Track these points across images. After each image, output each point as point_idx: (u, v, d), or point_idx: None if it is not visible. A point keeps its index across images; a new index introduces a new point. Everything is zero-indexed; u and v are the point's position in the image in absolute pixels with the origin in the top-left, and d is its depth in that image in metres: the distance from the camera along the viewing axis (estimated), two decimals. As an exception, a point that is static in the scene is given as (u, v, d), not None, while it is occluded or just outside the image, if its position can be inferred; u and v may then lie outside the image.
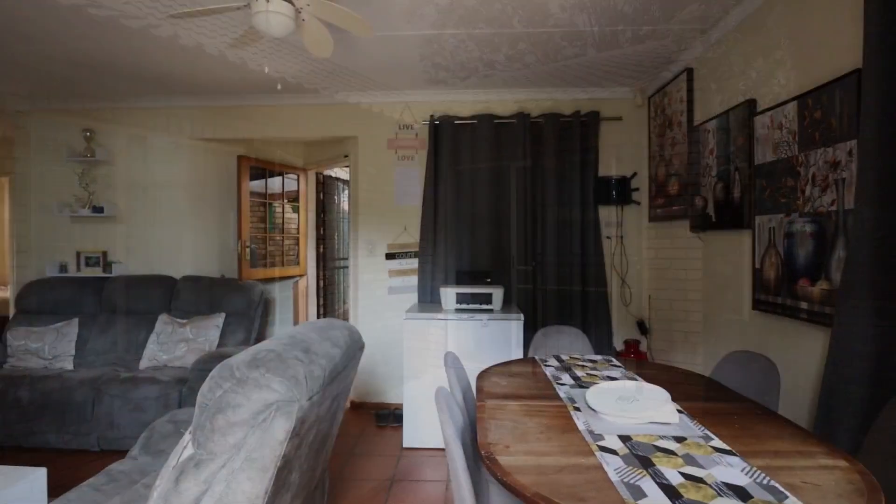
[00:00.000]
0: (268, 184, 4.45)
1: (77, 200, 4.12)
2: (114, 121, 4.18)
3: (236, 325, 3.68)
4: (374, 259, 3.99)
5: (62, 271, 4.10)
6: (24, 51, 3.08)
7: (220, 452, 1.19)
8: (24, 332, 3.64)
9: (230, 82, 3.69)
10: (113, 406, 3.09)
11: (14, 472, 2.06)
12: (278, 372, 1.23)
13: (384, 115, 3.99)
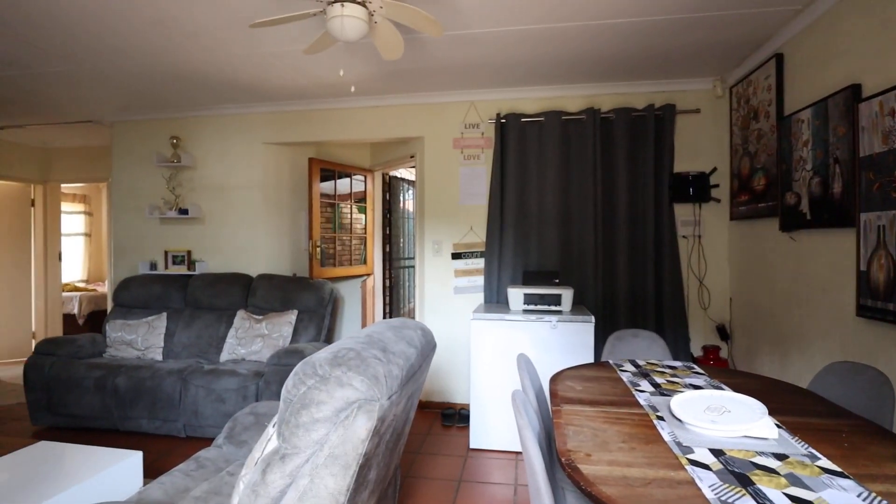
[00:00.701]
0: (337, 185, 4.57)
1: (165, 203, 4.43)
2: (197, 128, 4.45)
3: (308, 321, 3.81)
4: (439, 259, 4.00)
5: (152, 269, 4.41)
6: (117, 66, 3.33)
7: (304, 447, 1.22)
8: (120, 324, 3.94)
9: (301, 88, 3.82)
10: (197, 396, 3.28)
11: (114, 454, 2.22)
12: (359, 371, 1.24)
13: (449, 115, 4.00)
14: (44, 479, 2.00)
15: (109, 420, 3.43)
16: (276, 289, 3.93)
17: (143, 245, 4.57)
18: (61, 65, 3.31)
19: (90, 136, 5.49)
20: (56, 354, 3.59)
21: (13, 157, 5.63)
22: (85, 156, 5.97)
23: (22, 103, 4.22)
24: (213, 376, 3.31)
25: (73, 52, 3.10)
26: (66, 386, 3.45)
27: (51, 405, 3.49)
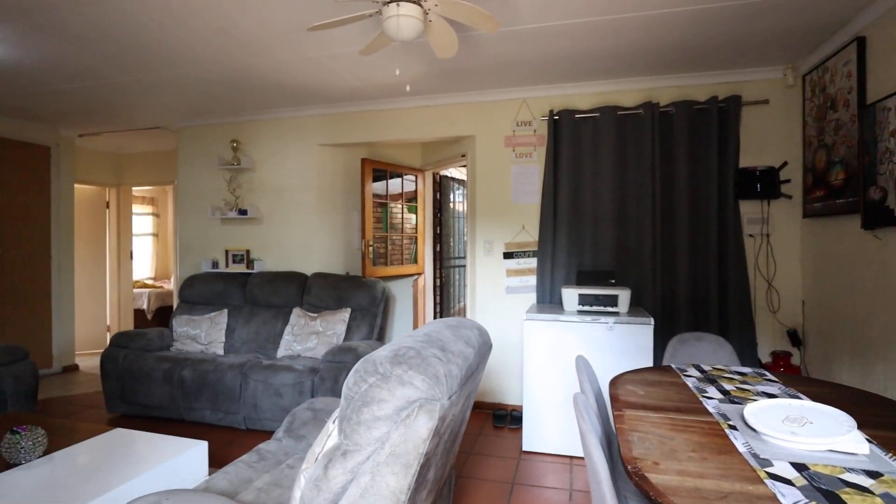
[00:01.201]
0: (388, 185, 4.63)
1: (226, 204, 4.62)
2: (255, 131, 4.62)
3: (361, 320, 3.87)
4: (491, 258, 3.97)
5: (214, 267, 4.61)
6: (184, 74, 3.49)
7: (365, 445, 1.22)
8: (185, 319, 4.14)
9: (355, 89, 3.89)
10: (256, 390, 3.40)
11: (182, 444, 2.33)
12: (419, 369, 1.24)
13: (501, 113, 3.95)
14: (118, 464, 2.12)
15: (176, 410, 3.61)
16: (330, 287, 4.01)
17: (206, 244, 4.78)
18: (134, 74, 3.51)
19: (158, 141, 5.81)
20: (129, 347, 3.82)
21: (91, 162, 6.04)
22: (153, 160, 6.33)
23: (98, 112, 4.51)
24: (271, 371, 3.41)
25: (145, 62, 3.27)
26: (137, 377, 3.66)
27: (124, 394, 3.71)
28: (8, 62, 3.28)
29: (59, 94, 3.97)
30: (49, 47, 3.04)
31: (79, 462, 2.15)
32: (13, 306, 4.78)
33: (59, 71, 3.45)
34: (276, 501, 1.72)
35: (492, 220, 3.97)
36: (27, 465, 2.11)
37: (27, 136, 4.91)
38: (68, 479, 2.00)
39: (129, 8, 2.54)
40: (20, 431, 2.11)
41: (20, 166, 4.86)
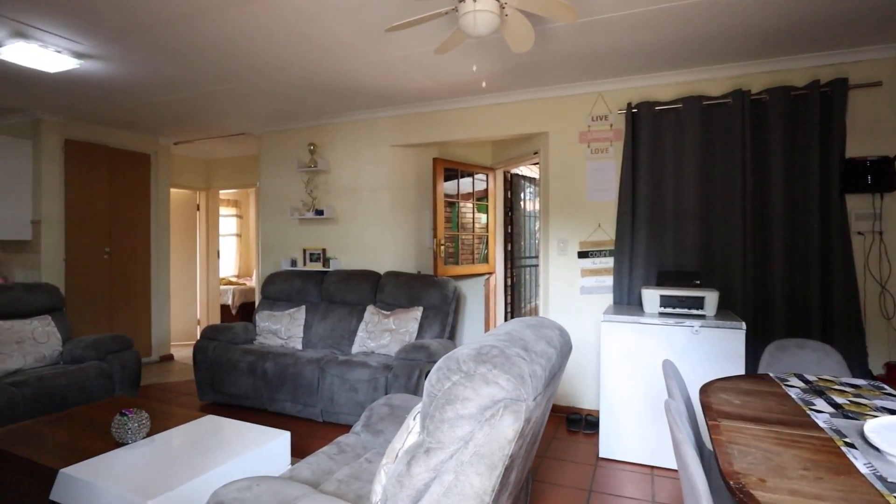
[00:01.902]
0: (459, 184, 4.63)
1: (304, 205, 4.81)
2: (331, 134, 4.78)
3: (433, 318, 3.89)
4: (565, 258, 3.86)
5: (293, 265, 4.82)
6: (268, 81, 3.67)
7: (448, 443, 1.21)
8: (267, 315, 4.36)
9: (427, 89, 3.92)
10: (333, 384, 3.51)
11: (267, 433, 2.43)
12: (504, 369, 1.20)
13: (575, 108, 3.84)
14: (211, 449, 2.25)
15: (259, 400, 3.80)
16: (402, 286, 4.07)
17: (285, 244, 5.01)
18: (224, 84, 3.74)
19: (242, 147, 6.17)
20: (217, 340, 4.07)
21: (184, 168, 6.52)
22: (237, 165, 6.73)
23: (191, 121, 4.86)
24: (347, 367, 3.51)
25: (234, 72, 3.48)
26: (224, 368, 3.89)
27: (213, 384, 3.96)
28: (116, 79, 3.60)
29: (158, 105, 4.31)
30: (150, 63, 3.30)
31: (177, 444, 2.31)
32: (120, 301, 5.25)
33: (158, 84, 3.74)
34: (356, 494, 1.75)
35: (565, 218, 3.86)
36: (133, 445, 2.29)
37: (131, 146, 5.38)
38: (168, 459, 2.15)
39: (218, 22, 2.71)
40: (128, 414, 2.30)
41: (125, 173, 5.33)
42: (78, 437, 2.41)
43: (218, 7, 2.55)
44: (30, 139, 4.67)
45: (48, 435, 2.44)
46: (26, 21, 2.72)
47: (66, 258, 4.80)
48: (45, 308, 3.81)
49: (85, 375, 3.41)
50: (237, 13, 2.62)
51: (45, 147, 4.66)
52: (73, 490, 2.01)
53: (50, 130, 4.68)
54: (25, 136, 4.68)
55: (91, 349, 3.61)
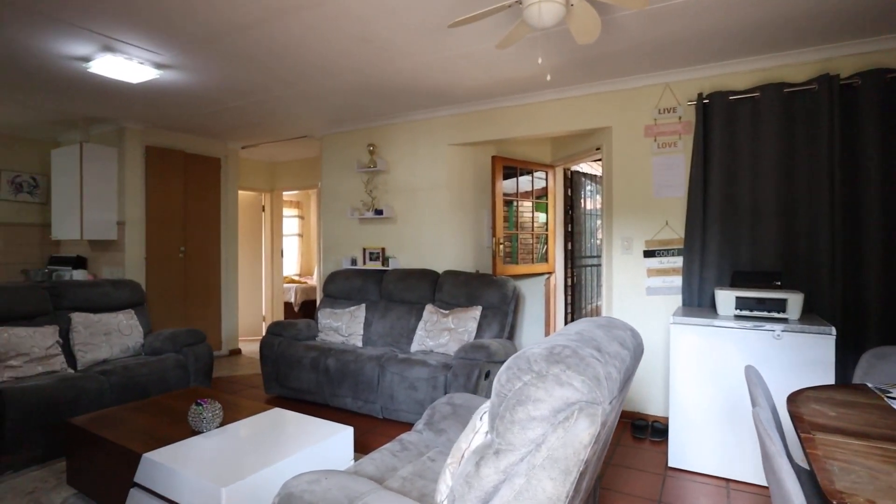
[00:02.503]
0: (518, 182, 4.56)
1: (363, 205, 4.90)
2: (390, 135, 4.84)
3: (492, 318, 3.85)
4: (629, 257, 3.71)
5: (353, 264, 4.92)
6: (331, 84, 3.76)
7: (519, 445, 1.17)
8: (328, 312, 4.47)
9: (485, 87, 3.88)
10: (393, 382, 3.54)
11: (331, 427, 2.48)
12: (578, 370, 1.15)
13: (640, 101, 3.68)
14: (278, 441, 2.32)
15: (321, 395, 3.90)
16: (461, 285, 4.06)
17: (346, 243, 5.12)
18: (288, 88, 3.87)
19: (304, 149, 6.38)
20: (282, 335, 4.22)
21: (251, 171, 6.82)
22: (299, 167, 6.96)
23: (258, 126, 5.07)
24: (406, 365, 3.53)
25: (299, 75, 3.58)
26: (289, 362, 4.02)
27: (278, 378, 4.11)
28: (192, 87, 3.80)
29: (228, 111, 4.52)
30: (222, 71, 3.46)
31: (247, 435, 2.40)
32: (193, 297, 5.56)
33: (228, 91, 3.92)
34: (420, 492, 1.75)
35: (630, 216, 3.71)
36: (207, 434, 2.40)
37: (203, 150, 5.68)
38: (239, 449, 2.23)
39: (288, 25, 2.79)
40: (202, 404, 2.41)
41: (198, 176, 5.63)
42: (158, 423, 2.56)
43: (287, 11, 2.63)
44: (115, 146, 5.02)
45: (132, 420, 2.60)
46: (114, 35, 2.92)
47: (147, 257, 5.13)
48: (128, 303, 4.08)
49: (163, 366, 3.62)
50: (306, 16, 2.69)
51: (129, 153, 5.00)
52: (155, 474, 2.12)
53: (133, 138, 5.02)
54: (112, 144, 5.05)
55: (169, 342, 3.83)
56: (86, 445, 2.48)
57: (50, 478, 2.78)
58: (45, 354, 3.34)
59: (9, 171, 5.38)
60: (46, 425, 2.92)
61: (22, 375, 3.18)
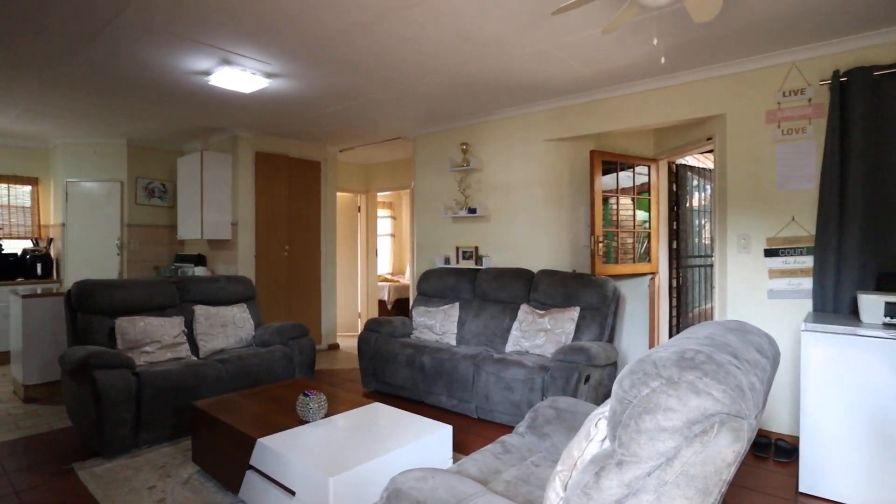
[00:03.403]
0: (618, 178, 4.32)
1: (456, 204, 4.91)
2: (483, 133, 4.81)
3: (590, 319, 3.68)
4: (746, 256, 3.37)
5: (446, 263, 4.95)
6: (427, 83, 3.80)
7: (645, 457, 1.06)
8: (422, 310, 4.52)
9: (584, 79, 3.72)
10: (488, 382, 3.49)
11: (430, 425, 2.48)
12: (717, 378, 1.02)
13: (760, 83, 3.33)
14: (380, 435, 2.36)
15: (416, 392, 3.95)
16: (557, 285, 3.92)
17: (439, 242, 5.17)
18: (384, 90, 3.96)
19: (397, 151, 6.54)
20: (378, 332, 4.33)
21: (347, 173, 7.12)
22: (392, 168, 7.16)
23: (355, 129, 5.27)
24: (502, 365, 3.47)
25: (395, 77, 3.66)
26: (385, 358, 4.12)
27: (375, 373, 4.22)
28: (296, 94, 4.03)
29: (328, 116, 4.74)
30: (325, 76, 3.62)
31: (350, 427, 2.46)
32: (296, 293, 5.90)
33: (329, 96, 4.10)
34: (525, 498, 1.68)
35: (748, 211, 3.37)
36: (314, 424, 2.50)
37: (305, 155, 6.02)
38: (343, 440, 2.29)
39: (388, 27, 2.85)
40: (309, 395, 2.52)
41: (301, 179, 5.97)
42: (269, 410, 2.71)
43: (387, 13, 2.68)
44: (230, 153, 5.46)
45: (246, 406, 2.79)
46: (230, 49, 3.15)
47: (256, 255, 5.52)
48: (241, 297, 4.40)
49: (272, 357, 3.86)
50: (405, 17, 2.72)
51: (241, 159, 5.41)
52: (268, 458, 2.24)
53: (244, 145, 5.43)
54: (226, 151, 5.50)
55: (276, 335, 4.08)
56: (208, 427, 2.68)
57: (178, 454, 3.06)
58: (173, 342, 3.68)
59: (144, 178, 6.05)
60: (175, 406, 3.22)
61: (155, 360, 3.53)
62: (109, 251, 5.90)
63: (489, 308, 4.25)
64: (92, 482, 2.71)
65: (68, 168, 5.85)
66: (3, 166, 5.83)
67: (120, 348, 3.46)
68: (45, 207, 6.14)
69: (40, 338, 4.13)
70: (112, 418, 2.95)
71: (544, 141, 4.41)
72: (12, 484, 2.72)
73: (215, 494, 2.55)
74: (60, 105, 4.43)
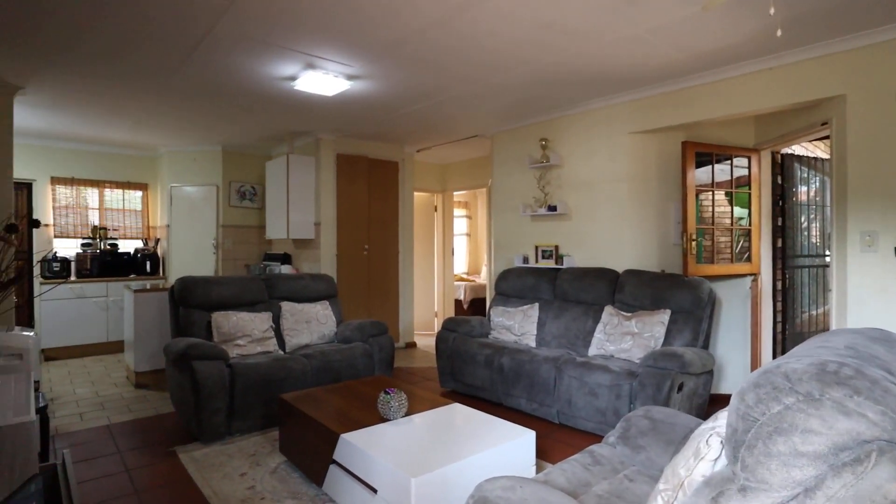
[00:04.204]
0: (714, 170, 3.98)
1: (535, 201, 4.77)
2: (563, 127, 4.63)
3: (682, 323, 3.42)
4: (872, 256, 2.97)
5: (524, 262, 4.82)
6: (507, 78, 3.70)
7: (777, 485, 0.92)
8: (500, 310, 4.43)
9: (675, 64, 3.46)
10: (571, 386, 3.34)
11: (513, 430, 2.39)
12: (874, 397, 0.86)
13: (891, 59, 2.91)
14: (461, 437, 2.30)
15: (495, 394, 3.87)
16: (645, 285, 3.68)
17: (517, 241, 5.05)
18: (464, 86, 3.92)
19: (473, 149, 6.49)
20: (456, 331, 4.30)
21: (424, 173, 7.17)
22: (468, 167, 7.12)
23: (432, 129, 5.28)
24: (586, 369, 3.30)
25: (474, 72, 3.60)
26: (463, 358, 4.08)
27: (453, 372, 4.19)
28: (376, 95, 4.08)
29: (407, 116, 4.78)
30: (404, 75, 3.64)
31: (431, 427, 2.43)
32: (375, 291, 6.02)
33: (408, 95, 4.12)
34: (620, 515, 1.55)
35: (875, 203, 2.96)
36: (395, 422, 2.49)
37: (383, 155, 6.13)
38: (424, 441, 2.26)
39: (466, 21, 2.79)
40: (390, 393, 2.52)
41: (379, 180, 6.09)
42: (350, 407, 2.75)
43: (465, 7, 2.62)
44: (313, 156, 5.67)
45: (329, 402, 2.84)
46: (314, 53, 3.24)
47: (337, 253, 5.70)
48: (324, 295, 4.54)
49: (353, 354, 3.94)
50: (484, 8, 2.65)
51: (323, 161, 5.60)
52: (351, 454, 2.26)
53: (327, 147, 5.62)
54: (310, 154, 5.71)
55: (357, 332, 4.16)
56: (294, 419, 2.77)
57: (266, 444, 3.19)
58: (262, 336, 3.86)
59: (237, 182, 6.45)
60: (263, 398, 3.36)
61: (246, 353, 3.72)
62: (207, 250, 6.34)
63: (571, 309, 4.08)
64: (191, 465, 2.89)
65: (172, 174, 6.37)
66: (119, 174, 6.45)
67: (216, 341, 3.67)
68: (154, 210, 6.72)
69: (149, 329, 4.50)
70: (208, 406, 3.13)
71: (629, 134, 4.16)
72: (124, 462, 2.96)
73: (301, 485, 2.62)
74: (165, 115, 4.81)
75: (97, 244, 6.10)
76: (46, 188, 5.99)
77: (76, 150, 6.14)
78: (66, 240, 6.10)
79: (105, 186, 6.37)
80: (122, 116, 4.87)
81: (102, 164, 6.33)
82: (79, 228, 6.18)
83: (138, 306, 4.48)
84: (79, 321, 5.67)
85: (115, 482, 2.72)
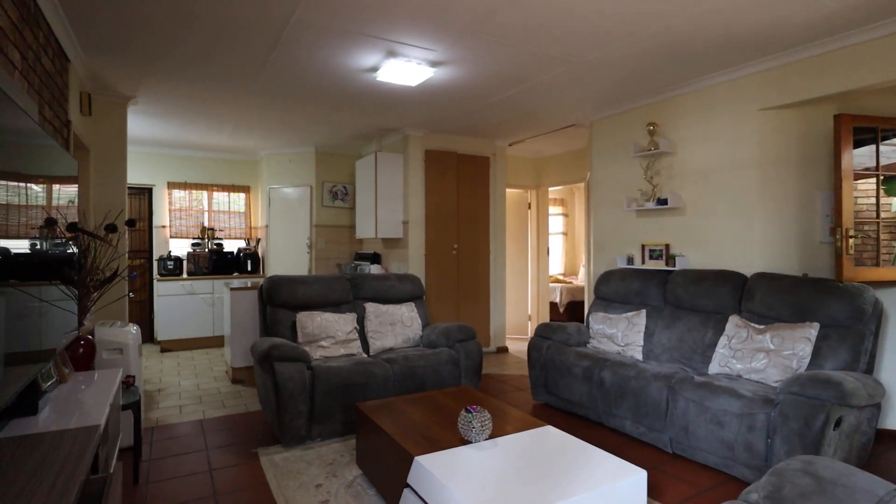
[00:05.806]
0: (878, 151, 3.20)
1: (642, 195, 4.22)
2: (674, 109, 4.03)
3: (836, 340, 2.74)
4: None
5: (629, 263, 4.28)
6: (605, 54, 3.23)
7: None
8: (601, 317, 3.95)
9: (822, 20, 2.78)
10: (688, 410, 2.81)
11: (621, 468, 1.99)
12: None
13: None
14: (554, 471, 1.94)
15: (594, 411, 3.42)
16: (782, 292, 3.03)
17: (620, 239, 4.51)
18: (554, 69, 3.51)
19: (569, 142, 5.99)
20: (551, 339, 3.89)
21: (517, 168, 6.79)
22: (564, 161, 6.61)
23: (525, 119, 4.89)
24: (707, 391, 2.76)
25: (564, 51, 3.18)
26: (558, 369, 3.67)
27: (546, 384, 3.80)
28: (461, 83, 3.80)
29: (496, 105, 4.44)
30: (490, 58, 3.31)
31: (518, 456, 2.09)
32: (464, 292, 5.76)
33: (495, 81, 3.79)
34: None
35: None
36: (476, 446, 2.18)
37: (473, 150, 5.84)
38: (510, 473, 1.93)
39: (561, -16, 2.41)
40: (472, 412, 2.21)
41: (469, 176, 5.82)
42: (430, 422, 2.48)
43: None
44: (401, 153, 5.54)
45: (408, 414, 2.61)
46: (394, 38, 3.03)
47: (426, 253, 5.51)
48: (410, 296, 4.36)
49: (438, 360, 3.69)
50: (580, -33, 2.26)
51: (412, 158, 5.44)
52: (426, 480, 1.99)
53: (415, 143, 5.46)
54: (398, 151, 5.59)
55: (443, 336, 3.91)
56: (370, 432, 2.57)
57: (345, 452, 3.03)
58: (346, 338, 3.74)
59: (329, 182, 6.53)
60: (344, 403, 3.22)
61: (329, 355, 3.62)
62: (302, 249, 6.49)
63: (685, 318, 3.51)
64: (270, 470, 2.80)
65: (271, 176, 6.60)
66: (224, 177, 6.83)
67: (300, 341, 3.62)
68: (255, 211, 7.04)
69: (244, 326, 4.61)
70: (290, 409, 3.05)
71: (761, 110, 3.49)
72: (209, 461, 2.95)
73: (375, 505, 2.40)
74: (259, 118, 4.92)
75: (205, 244, 6.49)
76: (164, 192, 6.47)
77: (188, 156, 6.58)
78: (180, 240, 6.56)
79: (213, 189, 6.77)
80: (221, 122, 5.06)
81: (210, 169, 6.73)
82: (190, 229, 6.62)
83: (235, 303, 4.60)
84: (189, 316, 6.05)
85: (197, 482, 2.69)
